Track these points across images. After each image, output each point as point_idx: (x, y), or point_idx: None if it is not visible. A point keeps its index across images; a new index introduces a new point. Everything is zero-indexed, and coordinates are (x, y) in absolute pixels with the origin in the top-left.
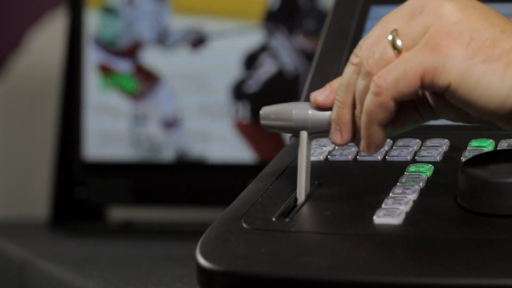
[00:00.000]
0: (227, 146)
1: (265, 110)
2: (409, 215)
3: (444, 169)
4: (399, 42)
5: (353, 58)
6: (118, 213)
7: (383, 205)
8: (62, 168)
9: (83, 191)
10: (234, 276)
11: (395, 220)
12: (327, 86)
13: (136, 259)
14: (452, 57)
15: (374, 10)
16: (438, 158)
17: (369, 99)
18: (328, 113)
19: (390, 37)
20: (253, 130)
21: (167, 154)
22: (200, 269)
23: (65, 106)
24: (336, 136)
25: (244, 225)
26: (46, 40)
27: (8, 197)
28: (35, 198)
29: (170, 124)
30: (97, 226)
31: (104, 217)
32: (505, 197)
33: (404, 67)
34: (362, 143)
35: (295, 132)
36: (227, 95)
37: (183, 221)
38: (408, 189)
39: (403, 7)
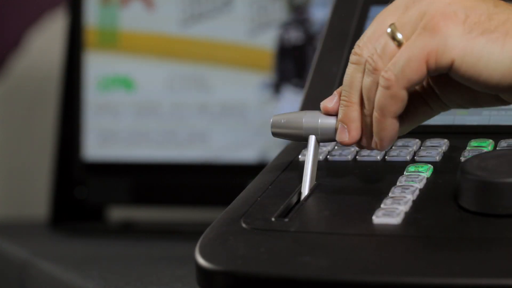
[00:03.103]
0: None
1: (275, 118)
2: (409, 215)
3: (444, 169)
4: (398, 35)
5: (353, 57)
6: (118, 213)
7: (382, 205)
8: (62, 168)
9: (83, 191)
10: (234, 276)
11: (395, 220)
12: (335, 92)
13: (136, 259)
14: (450, 35)
15: (374, 10)
16: (438, 158)
17: (380, 93)
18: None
19: (389, 30)
20: None
21: (168, 154)
22: (200, 269)
23: (65, 106)
24: (343, 135)
25: (244, 225)
26: (46, 40)
27: (8, 197)
28: (35, 198)
29: None
30: (97, 226)
31: (104, 217)
32: (504, 197)
33: (408, 55)
34: (375, 139)
35: (305, 140)
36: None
37: (183, 221)
38: (407, 189)
39: (396, 2)
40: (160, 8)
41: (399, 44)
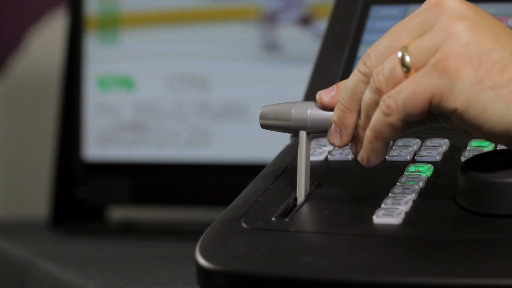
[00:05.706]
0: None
1: (263, 110)
2: (409, 215)
3: (444, 169)
4: (408, 60)
5: (361, 67)
6: (118, 213)
7: (382, 205)
8: (62, 168)
9: (83, 191)
10: (234, 276)
11: (395, 220)
12: (334, 86)
13: (136, 259)
14: (460, 81)
15: (374, 10)
16: (438, 158)
17: (377, 117)
18: (327, 113)
19: (399, 54)
20: None
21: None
22: (200, 269)
23: (65, 106)
24: (335, 137)
25: (244, 225)
26: (46, 40)
27: (8, 197)
28: (35, 198)
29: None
30: (97, 226)
31: (104, 217)
32: (505, 197)
33: (413, 90)
34: (362, 155)
35: (294, 132)
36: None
37: (183, 221)
38: (407, 189)
39: (415, 19)
40: None
41: (408, 71)
